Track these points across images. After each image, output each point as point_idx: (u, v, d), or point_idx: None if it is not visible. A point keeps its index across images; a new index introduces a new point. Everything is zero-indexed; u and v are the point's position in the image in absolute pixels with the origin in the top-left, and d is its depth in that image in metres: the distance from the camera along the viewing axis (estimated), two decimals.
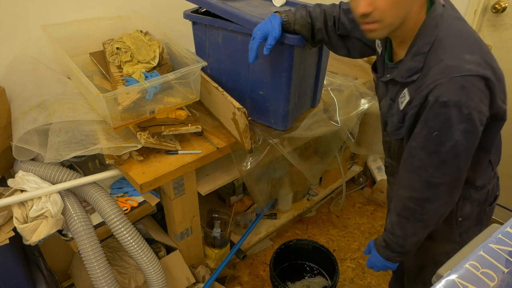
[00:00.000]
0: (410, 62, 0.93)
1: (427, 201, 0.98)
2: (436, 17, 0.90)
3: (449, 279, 0.43)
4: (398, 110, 0.98)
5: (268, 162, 1.57)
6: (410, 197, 1.00)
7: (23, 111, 1.27)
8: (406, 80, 0.94)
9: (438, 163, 0.91)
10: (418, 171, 0.95)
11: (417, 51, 0.91)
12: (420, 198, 0.98)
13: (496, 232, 0.49)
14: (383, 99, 1.08)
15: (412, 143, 0.94)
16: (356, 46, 1.24)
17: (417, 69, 0.91)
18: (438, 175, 0.93)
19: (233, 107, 1.30)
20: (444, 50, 0.87)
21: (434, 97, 0.85)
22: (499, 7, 1.74)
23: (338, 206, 2.38)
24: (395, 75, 0.97)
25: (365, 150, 2.12)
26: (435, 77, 0.85)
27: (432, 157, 0.91)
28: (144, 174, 1.26)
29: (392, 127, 1.03)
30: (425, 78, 0.88)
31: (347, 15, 1.19)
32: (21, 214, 1.19)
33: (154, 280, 1.35)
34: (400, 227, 1.04)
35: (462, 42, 0.89)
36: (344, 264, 2.04)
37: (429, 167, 0.93)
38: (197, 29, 1.48)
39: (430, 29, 0.90)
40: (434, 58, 0.88)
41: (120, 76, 1.40)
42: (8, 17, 1.39)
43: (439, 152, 0.90)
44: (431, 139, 0.89)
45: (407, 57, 0.94)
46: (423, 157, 0.93)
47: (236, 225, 1.93)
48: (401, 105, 0.97)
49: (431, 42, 0.89)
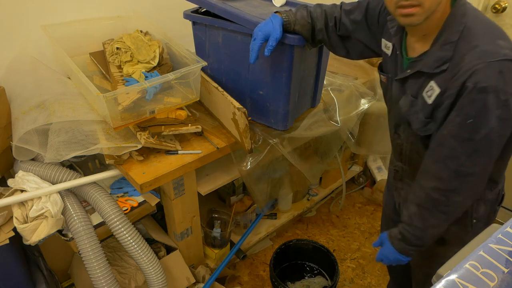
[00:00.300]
0: (439, 52, 0.91)
1: (454, 192, 0.95)
2: (463, 6, 0.90)
3: (449, 279, 0.43)
4: (425, 105, 0.96)
5: (268, 162, 1.57)
6: (435, 187, 0.97)
7: (23, 111, 1.27)
8: (435, 71, 0.92)
9: (470, 152, 0.89)
10: (447, 161, 0.93)
11: (446, 40, 0.90)
12: (446, 188, 0.96)
13: (496, 232, 0.49)
14: (401, 98, 1.05)
15: (443, 131, 0.92)
16: (356, 47, 1.24)
17: (446, 58, 0.90)
18: (468, 164, 0.90)
19: (233, 107, 1.30)
20: (475, 37, 0.87)
21: (473, 83, 0.83)
22: (499, 7, 1.74)
23: (338, 206, 2.38)
24: (421, 67, 0.95)
25: (365, 150, 2.12)
26: (472, 63, 0.84)
27: (464, 145, 0.89)
28: (144, 174, 1.26)
29: (418, 124, 1.00)
30: (459, 65, 0.87)
31: (349, 16, 1.19)
32: (21, 214, 1.19)
33: (154, 280, 1.35)
34: (421, 218, 1.02)
35: (491, 30, 0.89)
36: (344, 264, 2.04)
37: (460, 155, 0.90)
38: (197, 29, 1.48)
39: (458, 18, 0.89)
40: (465, 46, 0.87)
41: (120, 76, 1.40)
42: (8, 17, 1.39)
43: (473, 140, 0.88)
44: (465, 127, 0.87)
45: (434, 48, 0.93)
46: (455, 145, 0.90)
47: (236, 225, 1.93)
48: (428, 99, 0.95)
49: (460, 30, 0.88)
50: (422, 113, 0.98)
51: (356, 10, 1.18)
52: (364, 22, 1.16)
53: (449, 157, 0.92)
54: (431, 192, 0.98)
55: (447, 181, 0.95)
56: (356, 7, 1.18)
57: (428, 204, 1.00)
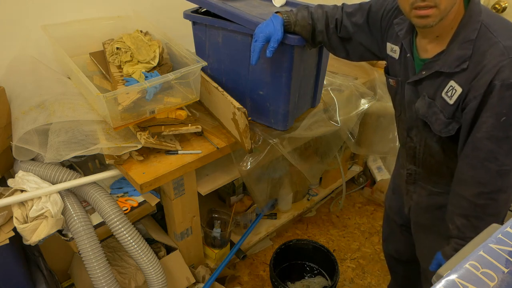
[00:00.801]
0: (458, 51, 0.90)
1: (500, 192, 0.93)
2: (477, 5, 0.90)
3: (449, 279, 0.43)
4: (446, 106, 0.94)
5: (268, 162, 1.57)
6: (479, 193, 0.94)
7: (23, 111, 1.27)
8: (455, 70, 0.91)
9: (508, 149, 0.88)
10: (485, 163, 0.91)
11: (464, 38, 0.89)
12: (491, 191, 0.93)
13: (496, 232, 0.49)
14: (415, 101, 1.04)
15: (477, 134, 0.90)
16: (356, 49, 1.23)
17: (466, 57, 0.89)
18: (509, 161, 0.89)
19: (233, 107, 1.30)
20: (494, 34, 0.86)
21: (500, 80, 0.83)
22: (499, 7, 1.74)
23: (338, 206, 2.38)
24: (440, 67, 0.94)
25: (365, 150, 2.12)
26: (495, 60, 0.84)
27: (502, 145, 0.88)
28: (144, 174, 1.26)
29: (439, 125, 0.98)
30: (482, 63, 0.86)
31: (350, 18, 1.18)
32: (21, 214, 1.19)
33: (154, 280, 1.35)
34: (473, 228, 0.97)
35: (508, 25, 0.89)
36: (344, 264, 2.04)
37: (499, 155, 0.89)
38: (197, 29, 1.48)
39: (475, 16, 0.89)
40: (485, 43, 0.87)
41: (120, 76, 1.40)
42: (8, 17, 1.39)
43: (509, 137, 0.87)
44: (499, 126, 0.86)
45: (452, 46, 0.92)
46: (491, 146, 0.89)
47: (236, 225, 1.93)
48: (449, 99, 0.93)
49: (478, 28, 0.88)
50: (442, 114, 0.96)
51: (357, 12, 1.17)
52: (366, 25, 1.16)
53: (487, 159, 0.91)
54: (476, 199, 0.95)
55: (490, 184, 0.93)
56: (358, 10, 1.17)
57: (477, 212, 0.96)
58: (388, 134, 1.97)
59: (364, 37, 1.18)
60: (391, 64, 1.13)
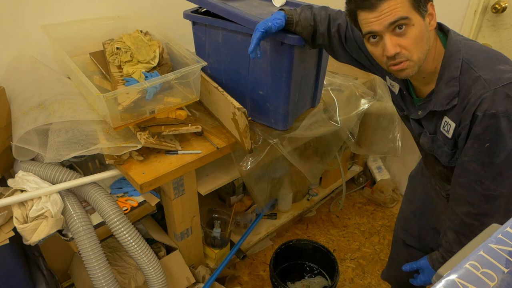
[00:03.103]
0: (445, 90, 0.92)
1: (487, 216, 0.95)
2: (456, 42, 0.92)
3: (449, 279, 0.43)
4: (447, 140, 0.97)
5: (268, 162, 1.57)
6: (468, 212, 0.97)
7: (23, 111, 1.27)
8: (447, 107, 0.93)
9: (494, 175, 0.90)
10: (474, 185, 0.93)
11: (449, 77, 0.91)
12: (478, 213, 0.96)
13: (496, 232, 0.49)
14: (420, 135, 1.06)
15: (464, 158, 0.93)
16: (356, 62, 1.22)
17: (455, 93, 0.91)
18: (495, 187, 0.91)
19: (233, 107, 1.30)
20: (475, 69, 0.88)
21: (482, 111, 0.85)
22: (499, 7, 1.74)
23: (338, 206, 2.38)
24: (433, 106, 0.96)
25: (365, 150, 2.12)
26: (478, 93, 0.86)
27: (487, 169, 0.90)
28: (144, 174, 1.26)
29: (446, 157, 1.01)
30: (467, 98, 0.88)
31: (353, 32, 1.16)
32: (21, 214, 1.19)
33: (154, 280, 1.35)
34: (460, 245, 1.01)
35: (489, 57, 0.90)
36: (344, 264, 2.04)
37: (484, 179, 0.91)
38: (197, 29, 1.47)
39: (455, 55, 0.91)
40: (468, 78, 0.89)
41: (120, 76, 1.40)
42: (8, 17, 1.39)
43: (494, 163, 0.89)
44: (483, 151, 0.89)
45: (439, 86, 0.94)
46: (478, 170, 0.91)
47: (236, 225, 1.93)
48: (447, 133, 0.96)
49: (459, 66, 0.90)
50: (446, 146, 0.99)
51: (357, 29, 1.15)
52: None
53: (475, 182, 0.93)
54: (465, 217, 0.98)
55: (478, 206, 0.95)
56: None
57: (465, 230, 0.99)
58: (388, 134, 1.97)
59: (365, 58, 1.17)
60: (392, 96, 1.14)
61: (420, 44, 0.88)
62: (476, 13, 1.78)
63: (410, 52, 0.88)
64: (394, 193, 2.41)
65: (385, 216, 2.36)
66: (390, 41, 0.87)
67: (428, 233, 1.34)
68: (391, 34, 0.87)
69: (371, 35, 0.90)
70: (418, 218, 1.37)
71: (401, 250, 1.47)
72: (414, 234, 1.40)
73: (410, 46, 0.87)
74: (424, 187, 1.34)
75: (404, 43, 0.87)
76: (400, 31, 0.86)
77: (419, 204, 1.37)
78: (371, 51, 0.94)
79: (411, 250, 1.43)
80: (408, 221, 1.42)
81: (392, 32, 0.87)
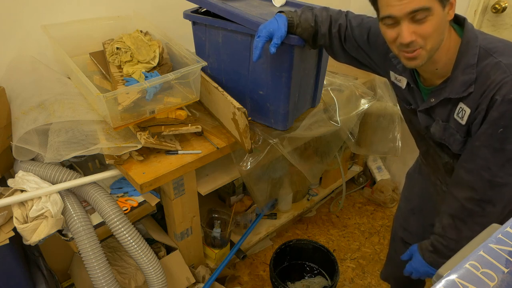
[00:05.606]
0: (462, 77, 0.92)
1: (489, 203, 0.94)
2: (473, 30, 0.92)
3: (449, 279, 0.43)
4: (460, 126, 0.96)
5: (268, 162, 1.57)
6: (470, 197, 0.96)
7: (23, 111, 1.27)
8: (462, 95, 0.92)
9: (503, 162, 0.89)
10: (480, 171, 0.92)
11: (466, 65, 0.91)
12: (481, 198, 0.95)
13: (496, 232, 0.49)
14: (429, 127, 1.05)
15: (475, 143, 0.92)
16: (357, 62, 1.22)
17: (471, 81, 0.90)
18: (502, 174, 0.90)
19: (233, 107, 1.30)
20: (494, 55, 0.88)
21: (501, 96, 0.84)
22: (499, 7, 1.74)
23: (338, 206, 2.38)
24: (447, 94, 0.95)
25: (365, 150, 2.12)
26: (498, 78, 0.85)
27: (497, 156, 0.89)
28: (144, 174, 1.26)
29: (458, 145, 0.99)
30: (486, 84, 0.88)
31: (353, 32, 1.16)
32: (21, 214, 1.19)
33: (154, 280, 1.35)
34: (455, 230, 1.00)
35: (507, 44, 0.91)
36: (344, 264, 2.04)
37: (493, 165, 0.90)
38: (197, 29, 1.47)
39: (472, 42, 0.91)
40: (487, 65, 0.88)
41: (120, 76, 1.40)
42: (8, 17, 1.39)
43: (505, 150, 0.88)
44: (496, 137, 0.88)
45: (455, 74, 0.93)
46: (487, 155, 0.90)
47: (236, 225, 1.93)
48: (461, 120, 0.95)
49: (477, 53, 0.90)
50: (458, 134, 0.98)
51: (359, 29, 1.15)
52: (367, 45, 1.14)
53: (482, 167, 0.92)
54: (466, 202, 0.97)
55: (482, 192, 0.94)
56: (359, 26, 1.15)
57: (463, 215, 0.98)
58: (388, 134, 1.97)
59: (365, 56, 1.17)
60: (398, 91, 1.13)
61: (436, 34, 0.87)
62: (476, 13, 1.78)
63: (425, 41, 0.87)
64: (394, 193, 2.41)
65: (385, 216, 2.36)
66: (407, 28, 0.86)
67: (426, 230, 1.34)
68: (409, 22, 0.86)
69: (389, 18, 0.89)
70: (417, 216, 1.38)
71: (399, 248, 1.47)
72: (412, 232, 1.40)
73: (427, 35, 0.86)
74: (422, 184, 1.34)
75: (421, 31, 0.86)
76: (419, 20, 0.85)
77: (416, 202, 1.38)
78: (384, 32, 0.93)
79: (401, 247, 1.44)
80: (406, 219, 1.42)
81: (411, 20, 0.86)
